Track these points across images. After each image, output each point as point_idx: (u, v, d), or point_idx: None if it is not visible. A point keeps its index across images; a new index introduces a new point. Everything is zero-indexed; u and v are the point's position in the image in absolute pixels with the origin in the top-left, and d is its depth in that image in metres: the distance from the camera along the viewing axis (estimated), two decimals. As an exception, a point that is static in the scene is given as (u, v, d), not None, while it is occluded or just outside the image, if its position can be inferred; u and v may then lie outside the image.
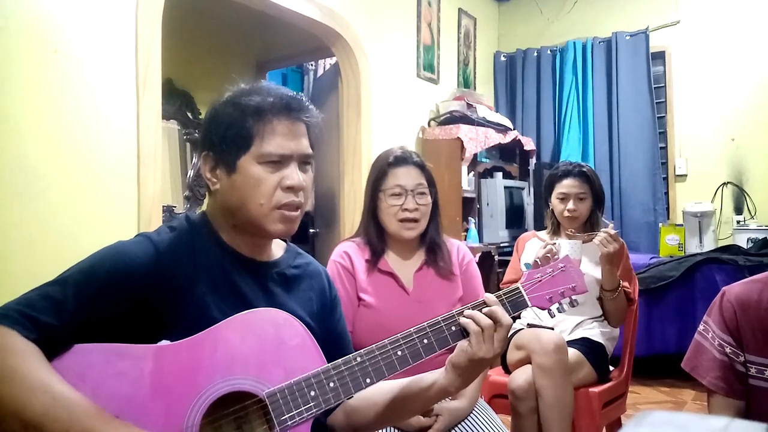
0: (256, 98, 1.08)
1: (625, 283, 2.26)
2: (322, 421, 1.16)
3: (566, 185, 2.33)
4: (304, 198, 1.11)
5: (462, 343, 1.09)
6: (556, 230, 2.41)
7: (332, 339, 1.22)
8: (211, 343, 1.00)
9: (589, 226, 2.36)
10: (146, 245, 1.05)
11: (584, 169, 2.36)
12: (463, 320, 1.09)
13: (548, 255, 2.08)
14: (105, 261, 1.01)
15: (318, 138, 1.16)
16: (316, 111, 1.14)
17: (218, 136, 1.08)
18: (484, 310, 1.09)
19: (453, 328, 1.11)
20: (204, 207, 1.21)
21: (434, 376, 1.13)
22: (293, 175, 1.08)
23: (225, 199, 1.10)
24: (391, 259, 1.71)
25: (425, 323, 1.11)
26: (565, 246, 2.14)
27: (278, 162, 1.07)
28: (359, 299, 1.65)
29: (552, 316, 1.21)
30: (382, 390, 1.16)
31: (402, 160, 1.68)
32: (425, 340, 1.09)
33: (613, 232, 2.16)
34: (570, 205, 2.31)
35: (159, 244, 1.05)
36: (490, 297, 1.12)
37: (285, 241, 1.23)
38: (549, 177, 2.43)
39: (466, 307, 1.12)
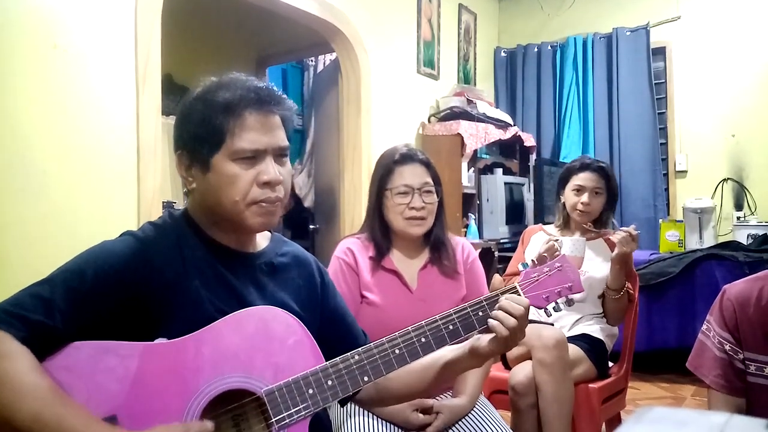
0: (224, 93, 1.04)
1: (628, 285, 2.25)
2: (320, 416, 1.16)
3: (583, 178, 2.30)
4: (284, 191, 1.09)
5: (485, 339, 1.14)
6: (566, 224, 2.38)
7: (330, 322, 1.22)
8: (208, 341, 0.99)
9: (598, 224, 2.34)
10: (132, 243, 1.04)
11: (603, 165, 2.35)
12: (491, 322, 1.11)
13: (549, 252, 2.06)
14: (91, 260, 1.00)
15: (291, 128, 1.13)
16: (290, 101, 1.11)
17: (190, 134, 1.06)
18: (505, 306, 1.11)
19: (450, 327, 1.12)
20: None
21: (457, 355, 1.17)
22: (269, 169, 1.05)
23: (202, 197, 1.08)
24: (396, 258, 1.70)
25: (423, 322, 1.11)
26: (568, 243, 2.12)
27: (252, 158, 1.04)
28: (362, 297, 1.64)
29: (548, 315, 1.22)
30: (413, 363, 1.17)
31: (408, 157, 1.67)
32: (422, 339, 1.10)
33: (635, 233, 2.13)
34: (584, 198, 2.27)
35: (144, 241, 1.04)
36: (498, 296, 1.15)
37: (270, 230, 1.22)
38: (566, 169, 2.39)
39: (472, 303, 1.15)
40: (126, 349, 0.96)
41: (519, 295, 1.17)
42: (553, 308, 1.20)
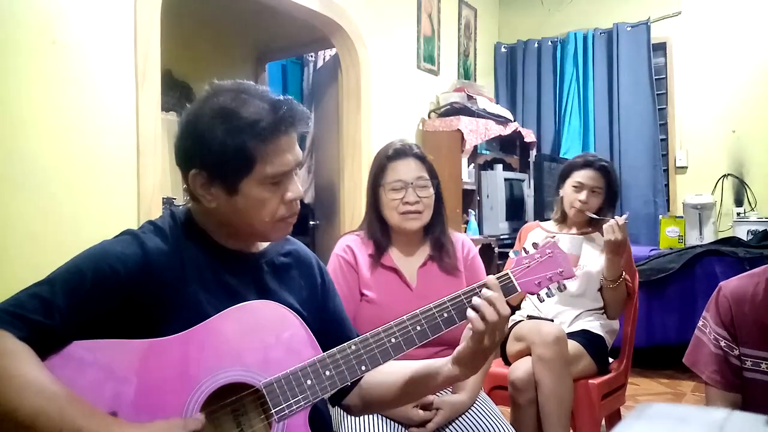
0: (249, 114, 1.01)
1: (626, 276, 2.26)
2: (320, 409, 1.16)
3: (584, 175, 2.29)
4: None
5: (464, 341, 1.09)
6: (563, 219, 2.39)
7: (328, 323, 1.23)
8: (205, 336, 1.00)
9: (596, 220, 2.34)
10: (132, 243, 1.03)
11: (605, 164, 2.34)
12: (470, 314, 1.08)
13: None
14: (91, 260, 1.00)
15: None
16: (306, 112, 1.10)
17: (212, 156, 1.02)
18: (487, 296, 1.08)
19: (445, 315, 1.12)
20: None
21: (440, 365, 1.14)
22: (294, 188, 1.08)
23: (223, 215, 1.08)
24: (395, 255, 1.69)
25: (417, 310, 1.12)
26: (565, 241, 2.12)
27: (280, 180, 1.06)
28: (362, 294, 1.64)
29: (541, 300, 1.23)
30: (396, 372, 1.17)
31: (401, 153, 1.66)
32: (418, 327, 1.11)
33: (621, 222, 2.14)
34: (582, 195, 2.27)
35: (145, 242, 1.04)
36: (492, 280, 1.12)
37: None
38: (568, 164, 2.39)
39: (465, 290, 1.14)
40: (125, 346, 0.96)
41: (511, 281, 1.16)
42: (546, 294, 1.21)
